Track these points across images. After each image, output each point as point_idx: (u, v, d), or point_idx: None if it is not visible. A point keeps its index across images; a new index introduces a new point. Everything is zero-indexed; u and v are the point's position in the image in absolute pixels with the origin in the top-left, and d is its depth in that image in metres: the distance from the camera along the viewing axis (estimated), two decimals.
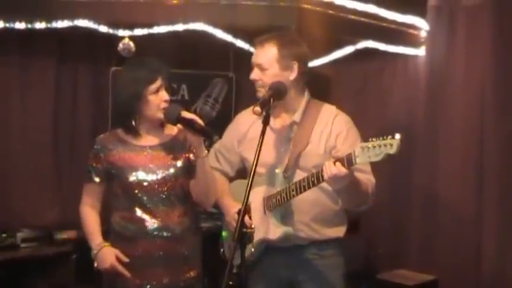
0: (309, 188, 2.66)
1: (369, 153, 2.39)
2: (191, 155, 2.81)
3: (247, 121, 3.00)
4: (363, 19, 4.10)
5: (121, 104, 2.80)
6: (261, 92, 2.82)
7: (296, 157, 2.82)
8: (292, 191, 2.72)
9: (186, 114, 2.67)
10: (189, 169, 2.81)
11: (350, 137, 2.85)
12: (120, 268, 2.76)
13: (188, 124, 2.65)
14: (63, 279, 4.34)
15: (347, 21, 3.99)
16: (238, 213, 2.36)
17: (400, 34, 4.45)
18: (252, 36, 3.06)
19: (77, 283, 4.28)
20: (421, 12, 4.57)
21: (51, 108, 4.67)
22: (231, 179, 3.15)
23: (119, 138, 2.85)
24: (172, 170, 2.80)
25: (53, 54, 4.61)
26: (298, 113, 2.90)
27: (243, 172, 3.13)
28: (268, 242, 2.85)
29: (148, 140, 2.84)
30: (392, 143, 2.35)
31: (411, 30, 4.54)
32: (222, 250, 3.11)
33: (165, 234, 2.78)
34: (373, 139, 2.41)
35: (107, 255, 2.78)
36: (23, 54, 4.48)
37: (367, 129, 4.84)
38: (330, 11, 3.93)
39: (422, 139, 4.66)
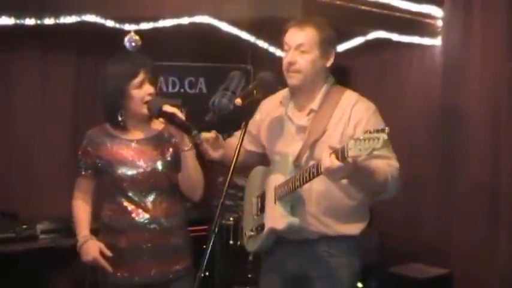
0: (310, 179, 2.54)
1: (360, 146, 2.24)
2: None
3: (265, 109, 2.94)
4: (373, 9, 4.05)
5: (105, 99, 2.82)
6: (295, 79, 2.71)
7: (311, 146, 2.71)
8: (297, 181, 2.62)
9: (167, 108, 2.70)
10: (177, 162, 2.82)
11: (370, 125, 2.62)
12: (102, 262, 2.78)
13: (169, 118, 2.68)
14: (80, 270, 4.41)
15: (355, 12, 3.96)
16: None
17: (414, 24, 4.39)
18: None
19: (93, 274, 4.35)
20: (438, 1, 4.48)
21: (71, 101, 4.79)
22: (247, 153, 3.05)
23: (107, 133, 2.88)
24: (159, 164, 2.82)
25: (72, 48, 4.70)
26: (316, 100, 2.77)
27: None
28: (276, 233, 2.77)
29: (136, 134, 2.86)
30: (379, 137, 2.20)
31: (427, 20, 4.47)
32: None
33: (152, 226, 2.79)
34: (368, 131, 2.26)
35: (91, 248, 2.80)
36: (43, 49, 4.59)
37: (385, 120, 4.88)
38: (337, 1, 3.89)
39: (439, 129, 4.57)
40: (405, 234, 4.75)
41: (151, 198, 2.81)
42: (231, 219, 2.83)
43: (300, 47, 2.70)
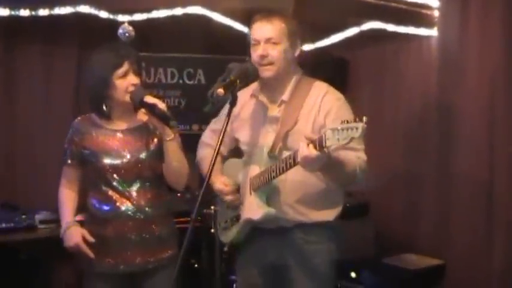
0: (287, 169, 2.58)
1: (338, 136, 2.28)
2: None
3: (240, 101, 2.95)
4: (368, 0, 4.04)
5: (90, 89, 2.86)
6: (269, 71, 2.75)
7: (283, 137, 2.76)
8: (273, 171, 2.66)
9: (148, 99, 2.73)
10: (161, 153, 2.84)
11: (339, 115, 2.67)
12: (84, 248, 2.82)
13: (150, 108, 2.71)
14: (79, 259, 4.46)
15: (349, 2, 3.93)
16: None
17: (410, 14, 4.36)
18: (249, 19, 3.04)
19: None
20: None
21: (73, 94, 4.80)
22: (225, 158, 3.13)
23: (93, 123, 2.91)
24: (143, 154, 2.85)
25: (74, 41, 4.73)
26: (287, 92, 2.82)
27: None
28: (252, 223, 2.82)
29: (121, 124, 2.89)
30: (358, 126, 2.23)
31: (423, 10, 4.44)
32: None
33: (137, 215, 2.83)
34: (346, 121, 2.30)
35: (73, 234, 2.85)
36: (45, 42, 4.62)
37: (384, 112, 4.90)
38: None
39: (436, 122, 4.55)
40: (401, 226, 4.74)
41: (135, 187, 2.84)
42: (212, 207, 2.85)
43: (270, 40, 2.74)
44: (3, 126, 4.60)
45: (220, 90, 2.55)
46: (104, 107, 2.85)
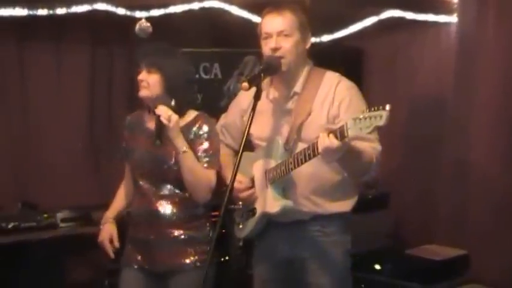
0: (306, 160, 2.58)
1: (360, 125, 2.27)
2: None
3: (249, 96, 2.96)
4: None
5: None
6: (282, 64, 2.73)
7: (297, 129, 2.75)
8: (291, 164, 2.65)
9: (158, 110, 2.69)
10: None
11: (353, 104, 2.70)
12: (107, 247, 2.90)
13: (156, 117, 2.69)
14: (100, 258, 4.47)
15: None
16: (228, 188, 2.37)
17: (429, 1, 4.31)
18: None
19: (113, 262, 4.41)
20: None
21: (87, 91, 4.84)
22: (237, 152, 3.11)
23: (138, 120, 2.95)
24: (172, 160, 2.80)
25: (86, 37, 4.75)
26: (299, 83, 2.81)
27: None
28: (268, 216, 2.81)
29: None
30: (382, 115, 2.22)
31: None
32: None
33: (163, 218, 2.83)
34: (366, 110, 2.29)
35: (104, 231, 2.92)
36: (61, 40, 4.65)
37: (400, 100, 4.86)
38: None
39: (454, 110, 4.50)
40: (421, 217, 4.70)
41: (164, 190, 2.83)
42: (240, 203, 2.83)
43: (282, 33, 2.73)
44: (19, 125, 4.64)
45: (245, 85, 2.54)
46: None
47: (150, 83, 2.78)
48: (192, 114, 2.86)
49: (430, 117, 4.68)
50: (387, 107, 2.22)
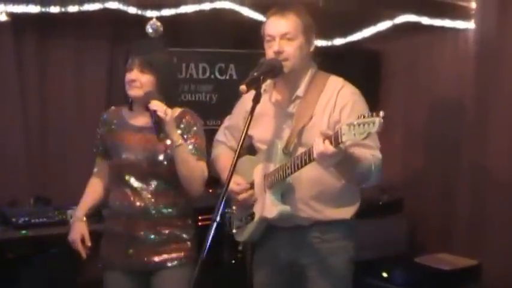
0: (302, 165, 2.53)
1: (354, 131, 2.23)
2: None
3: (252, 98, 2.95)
4: None
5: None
6: (285, 67, 2.67)
7: (298, 132, 2.71)
8: (288, 168, 2.61)
9: (152, 104, 2.67)
10: None
11: (355, 110, 2.63)
12: (79, 247, 2.89)
13: (152, 113, 2.66)
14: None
15: None
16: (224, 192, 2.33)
17: (446, 6, 4.26)
18: None
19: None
20: None
21: (105, 88, 4.85)
22: (240, 155, 3.09)
23: (119, 115, 2.92)
24: (161, 155, 2.79)
25: (105, 36, 4.78)
26: (302, 87, 2.77)
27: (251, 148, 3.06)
28: (267, 221, 2.77)
29: (144, 121, 2.85)
30: (375, 121, 2.18)
31: (460, 2, 4.32)
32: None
33: (151, 215, 2.80)
34: (362, 116, 2.25)
35: (74, 230, 2.91)
36: (77, 37, 4.67)
37: (418, 105, 4.81)
38: None
39: (472, 116, 4.44)
40: (435, 224, 4.64)
41: (151, 187, 2.81)
42: (234, 208, 2.81)
43: (285, 36, 2.67)
44: (35, 121, 4.65)
45: (243, 87, 2.50)
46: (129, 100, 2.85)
47: (142, 82, 2.76)
48: (177, 110, 2.85)
49: (449, 122, 4.63)
50: (381, 113, 2.18)
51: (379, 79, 4.93)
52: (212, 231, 2.27)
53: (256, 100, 2.52)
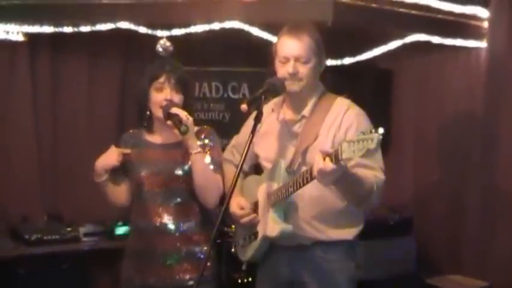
0: (304, 184, 2.54)
1: (353, 148, 2.23)
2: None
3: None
4: (411, 11, 3.94)
5: (134, 99, 2.92)
6: (296, 85, 2.69)
7: (303, 152, 2.71)
8: (290, 187, 2.62)
9: (174, 110, 2.71)
10: None
11: (361, 129, 2.59)
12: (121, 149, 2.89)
13: (173, 119, 2.69)
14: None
15: (390, 14, 3.85)
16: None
17: (458, 26, 4.24)
18: None
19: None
20: (483, 2, 4.32)
21: (117, 106, 4.91)
22: (246, 174, 3.09)
23: (138, 137, 2.94)
24: (179, 170, 2.81)
25: (117, 54, 4.85)
26: (308, 107, 2.78)
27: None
28: (269, 240, 2.77)
29: (161, 138, 2.88)
30: (373, 138, 2.18)
31: (472, 21, 4.31)
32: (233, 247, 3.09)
33: (169, 230, 2.81)
34: (361, 133, 2.25)
35: (109, 152, 2.90)
36: (90, 55, 4.75)
37: (429, 124, 4.78)
38: (373, 4, 3.81)
39: (483, 135, 4.42)
40: (448, 244, 4.59)
41: (171, 202, 2.82)
42: (233, 226, 2.81)
43: (300, 58, 2.68)
44: (48, 138, 4.71)
45: (244, 106, 2.52)
46: (145, 119, 2.87)
47: (176, 102, 2.78)
48: (195, 127, 2.86)
49: (459, 140, 4.60)
50: (380, 130, 2.18)
51: (390, 98, 4.93)
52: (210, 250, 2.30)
53: (258, 119, 2.55)
